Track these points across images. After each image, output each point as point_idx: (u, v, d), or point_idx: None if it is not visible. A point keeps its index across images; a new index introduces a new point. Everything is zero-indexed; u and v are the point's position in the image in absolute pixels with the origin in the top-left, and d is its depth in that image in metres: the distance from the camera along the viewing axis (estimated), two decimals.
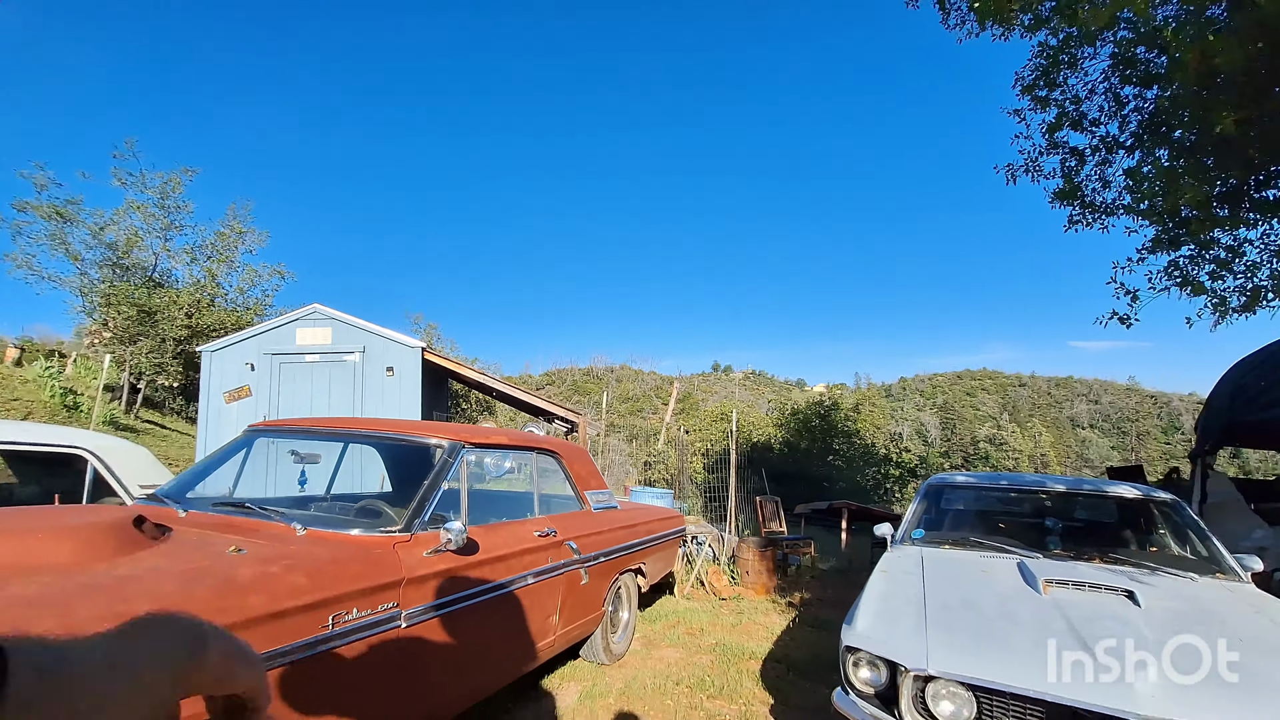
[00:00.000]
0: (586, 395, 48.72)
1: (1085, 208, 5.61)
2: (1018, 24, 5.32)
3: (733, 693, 3.99)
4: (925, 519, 4.43)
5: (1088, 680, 2.23)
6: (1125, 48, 5.08)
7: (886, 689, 2.60)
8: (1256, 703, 2.10)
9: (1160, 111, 4.69)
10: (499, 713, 3.51)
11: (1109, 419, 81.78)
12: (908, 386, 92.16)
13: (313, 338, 9.23)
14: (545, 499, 3.95)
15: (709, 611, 5.97)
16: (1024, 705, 2.30)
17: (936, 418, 74.39)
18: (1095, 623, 2.57)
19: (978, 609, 2.82)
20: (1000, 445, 59.94)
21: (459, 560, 2.78)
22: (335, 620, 2.12)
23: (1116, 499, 4.34)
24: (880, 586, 3.19)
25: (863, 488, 24.38)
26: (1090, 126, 5.45)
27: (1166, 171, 4.48)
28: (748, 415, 28.34)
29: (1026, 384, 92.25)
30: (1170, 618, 2.66)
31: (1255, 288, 5.08)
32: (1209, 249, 5.23)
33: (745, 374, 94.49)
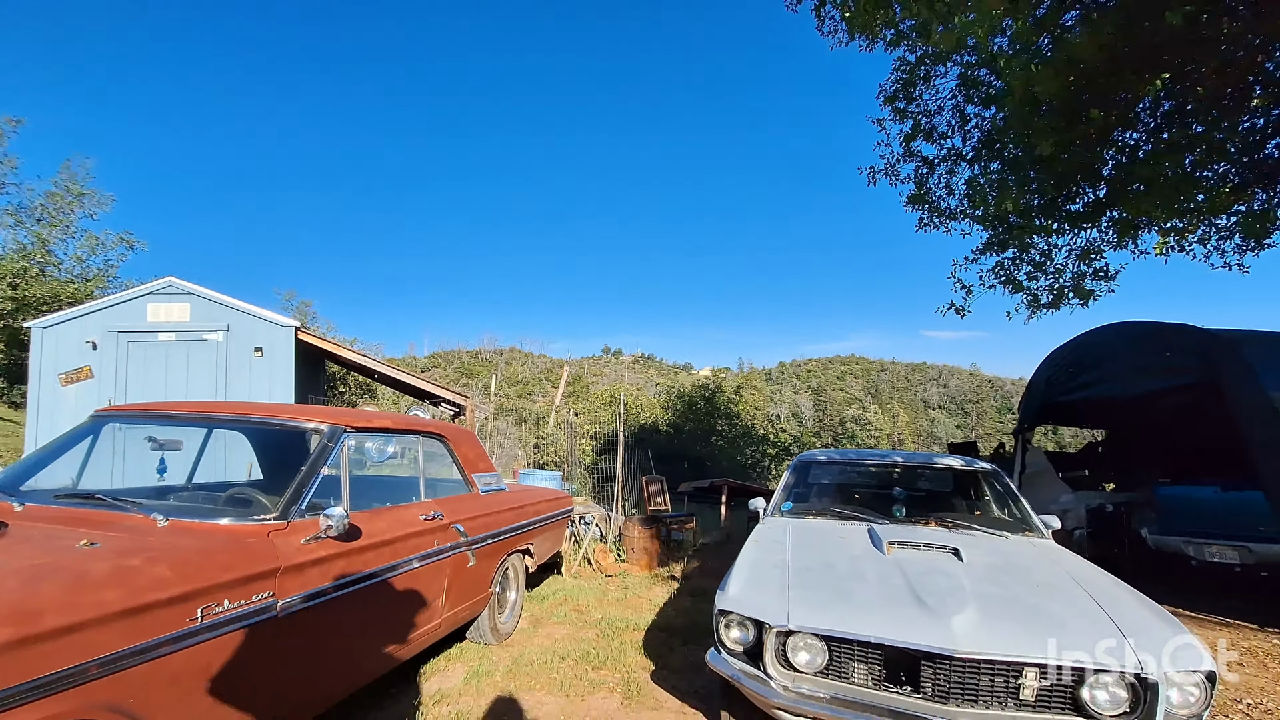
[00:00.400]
0: (474, 378, 47.48)
1: (933, 212, 6.31)
2: (881, 37, 5.83)
3: (617, 662, 4.18)
4: (794, 493, 4.83)
5: (917, 625, 2.60)
6: (970, 69, 5.71)
7: (753, 645, 2.87)
8: (1040, 631, 2.54)
9: (995, 130, 5.37)
10: (382, 698, 3.48)
11: (955, 400, 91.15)
12: (786, 371, 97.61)
13: (168, 314, 8.36)
14: (432, 483, 3.92)
15: (595, 589, 6.15)
16: (866, 650, 2.64)
17: (810, 400, 79.42)
18: (926, 577, 2.98)
19: (832, 570, 3.16)
20: (864, 425, 65.20)
21: (340, 547, 2.73)
22: (205, 612, 2.04)
23: (951, 471, 4.96)
24: (750, 555, 3.48)
25: (742, 466, 25.67)
26: (939, 139, 6.14)
27: (998, 183, 5.16)
28: (636, 398, 28.93)
29: (888, 369, 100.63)
30: (985, 569, 3.13)
31: (1061, 288, 6.02)
32: (1027, 252, 6.13)
33: (635, 357, 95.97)
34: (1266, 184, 5.89)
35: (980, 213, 5.66)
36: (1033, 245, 6.02)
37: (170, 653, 1.89)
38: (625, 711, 3.49)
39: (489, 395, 19.03)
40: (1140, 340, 6.65)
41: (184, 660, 1.94)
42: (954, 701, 2.48)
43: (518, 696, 3.62)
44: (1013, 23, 4.44)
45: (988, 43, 4.49)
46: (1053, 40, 4.47)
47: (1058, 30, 4.23)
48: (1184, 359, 6.02)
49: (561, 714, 3.43)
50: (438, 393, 11.65)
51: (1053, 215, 5.46)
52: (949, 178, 6.26)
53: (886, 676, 2.63)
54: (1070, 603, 2.80)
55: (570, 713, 3.45)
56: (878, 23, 5.21)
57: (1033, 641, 2.49)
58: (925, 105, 6.09)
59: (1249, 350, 5.54)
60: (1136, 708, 2.40)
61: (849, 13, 5.57)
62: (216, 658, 2.06)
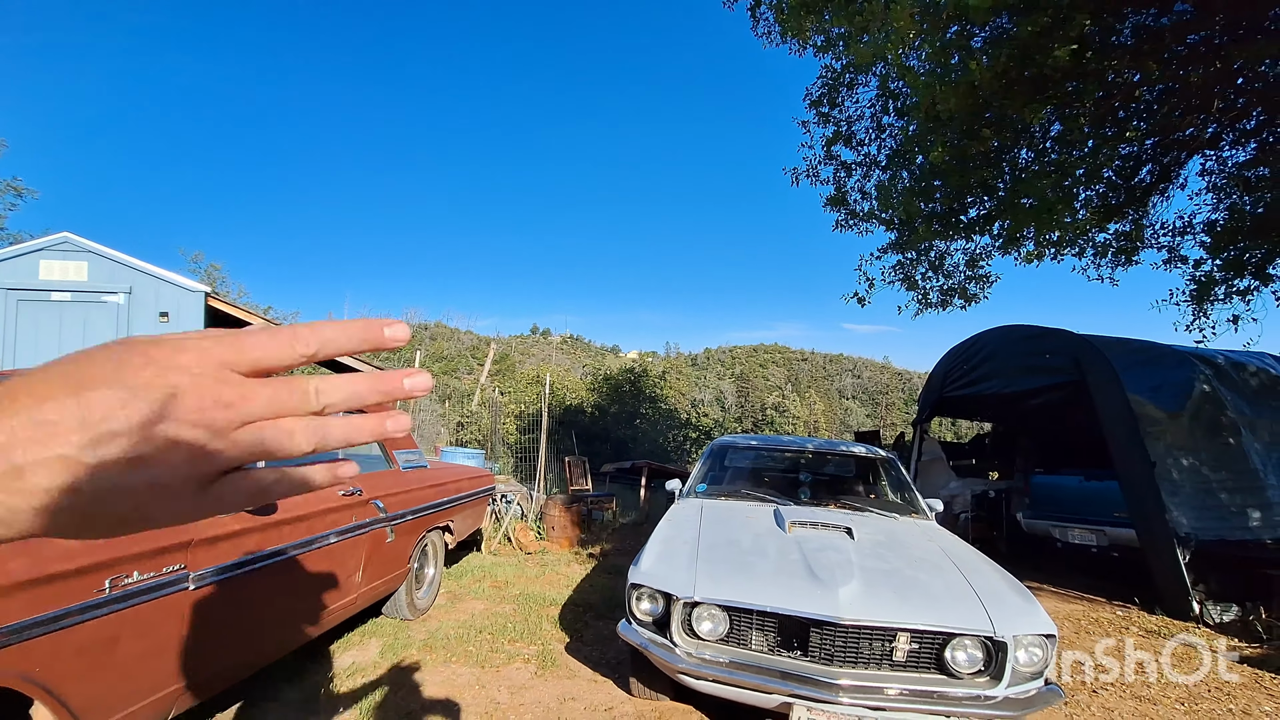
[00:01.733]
0: (397, 353, 45.99)
1: (849, 215, 6.70)
2: (811, 43, 6.09)
3: (533, 635, 4.32)
4: (709, 475, 5.08)
5: (808, 595, 2.86)
6: (888, 80, 6.06)
7: (662, 616, 3.07)
8: (912, 601, 2.86)
9: (906, 140, 5.75)
10: (296, 672, 3.48)
11: (867, 391, 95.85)
12: (712, 357, 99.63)
13: (63, 273, 7.69)
14: (352, 458, 3.87)
15: (515, 565, 6.25)
16: (763, 618, 2.89)
17: (734, 386, 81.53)
18: (821, 553, 3.26)
19: (737, 547, 3.40)
20: (783, 412, 67.56)
21: (255, 520, 2.72)
22: (114, 584, 2.02)
23: (853, 457, 5.35)
24: (663, 532, 3.68)
25: (664, 449, 26.18)
26: (858, 145, 6.50)
27: (904, 190, 5.55)
28: (563, 379, 28.88)
29: (808, 359, 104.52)
30: (872, 546, 3.45)
31: (950, 289, 6.60)
32: (926, 255, 6.66)
33: (563, 338, 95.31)
34: (1137, 206, 6.59)
35: (887, 215, 6.09)
36: (931, 248, 6.55)
37: (78, 623, 1.87)
38: (539, 681, 3.64)
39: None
40: (1024, 342, 7.33)
41: (93, 631, 1.92)
42: (837, 663, 2.77)
43: (433, 669, 3.70)
44: (927, 39, 4.78)
45: (900, 60, 4.79)
46: (960, 61, 4.83)
47: (965, 52, 4.58)
48: (1060, 360, 6.69)
49: (476, 684, 3.54)
50: (358, 366, 11.29)
51: (949, 223, 5.95)
52: (864, 182, 6.67)
53: (781, 642, 2.89)
54: (940, 575, 3.14)
55: (485, 682, 3.56)
56: (808, 27, 5.45)
57: (905, 609, 2.80)
58: (847, 112, 6.44)
59: (1114, 354, 6.21)
60: (990, 665, 2.75)
61: (782, 15, 5.80)
62: (126, 629, 2.05)
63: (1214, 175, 6.60)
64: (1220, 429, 5.92)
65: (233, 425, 0.35)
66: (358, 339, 0.39)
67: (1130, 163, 6.39)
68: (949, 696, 2.66)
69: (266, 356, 0.37)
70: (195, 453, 0.34)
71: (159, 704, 2.25)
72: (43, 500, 0.32)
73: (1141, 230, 6.65)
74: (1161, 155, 6.26)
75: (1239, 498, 5.69)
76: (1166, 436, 5.76)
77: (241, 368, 0.36)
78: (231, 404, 0.35)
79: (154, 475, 0.33)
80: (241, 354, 0.36)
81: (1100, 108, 5.05)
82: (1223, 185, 6.52)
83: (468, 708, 3.28)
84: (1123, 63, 4.88)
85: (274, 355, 0.37)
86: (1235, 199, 6.28)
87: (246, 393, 0.36)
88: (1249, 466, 5.79)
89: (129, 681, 2.10)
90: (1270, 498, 5.69)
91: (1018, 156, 5.63)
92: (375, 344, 0.39)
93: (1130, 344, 6.70)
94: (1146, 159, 6.42)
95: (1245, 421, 5.98)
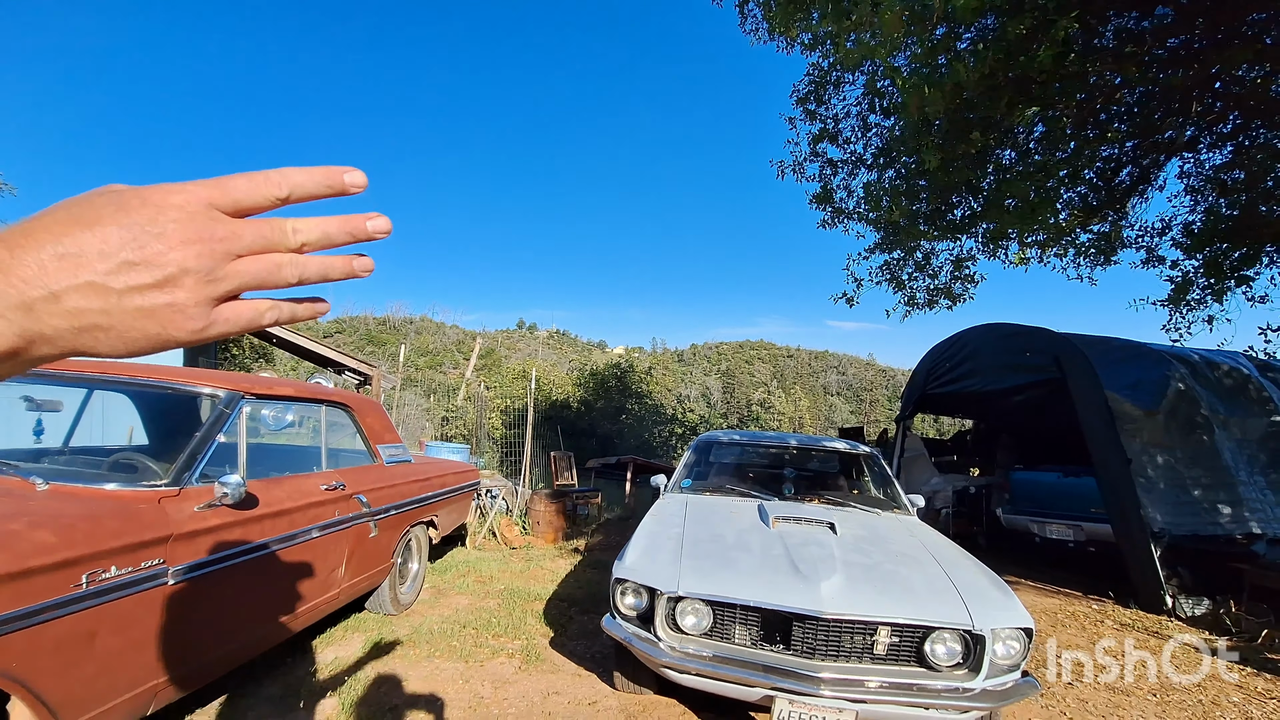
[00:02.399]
0: (382, 346, 45.62)
1: (835, 212, 6.74)
2: (799, 41, 6.11)
3: (517, 630, 4.32)
4: (694, 471, 5.11)
5: (791, 590, 2.89)
6: (875, 78, 6.10)
7: (646, 611, 3.08)
8: (893, 595, 2.90)
9: (892, 140, 5.80)
10: (277, 667, 3.46)
11: (851, 388, 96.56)
12: (698, 353, 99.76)
13: None
14: (334, 453, 3.87)
15: (500, 560, 6.24)
16: (746, 613, 2.91)
17: (720, 382, 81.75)
18: (804, 548, 3.29)
19: (721, 542, 3.42)
20: (769, 409, 67.89)
21: (236, 515, 2.69)
22: (91, 579, 2.00)
23: (837, 453, 5.39)
24: (648, 528, 3.70)
25: (650, 444, 26.25)
26: (844, 143, 6.54)
27: (890, 190, 5.60)
28: (549, 374, 28.82)
29: (793, 356, 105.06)
30: (854, 541, 3.49)
31: (936, 289, 6.68)
32: (912, 255, 6.73)
33: (550, 333, 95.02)
34: (1117, 207, 6.69)
35: (874, 216, 6.14)
36: (917, 248, 6.62)
37: (54, 618, 1.85)
38: (523, 675, 3.64)
39: (397, 365, 18.41)
40: (1006, 340, 7.42)
41: (70, 626, 1.90)
42: (819, 656, 2.79)
43: (416, 664, 3.69)
44: (915, 41, 4.81)
45: (887, 60, 4.82)
46: (947, 63, 4.87)
47: (951, 53, 4.62)
48: (1040, 358, 6.78)
49: (460, 678, 3.54)
50: (342, 361, 11.19)
51: (935, 223, 6.01)
52: (850, 180, 6.71)
53: (764, 636, 2.91)
54: (921, 570, 3.19)
55: (468, 677, 3.56)
56: (795, 26, 5.46)
57: (886, 603, 2.83)
58: (834, 110, 6.48)
59: (1093, 353, 6.31)
60: (968, 658, 2.80)
61: (770, 13, 5.81)
62: (103, 625, 2.02)
63: (1191, 178, 6.73)
64: (1194, 427, 6.04)
65: (229, 256, 0.40)
66: (322, 184, 0.44)
67: (1111, 164, 6.49)
68: (928, 689, 2.70)
69: (246, 198, 0.41)
70: (200, 278, 0.39)
71: (138, 699, 2.22)
72: (81, 321, 0.37)
73: (1121, 231, 6.76)
74: (1141, 157, 6.36)
75: (1211, 494, 5.81)
76: (1142, 434, 5.87)
77: (226, 208, 0.41)
78: (224, 239, 0.40)
79: (171, 298, 0.39)
80: (225, 195, 0.41)
81: (1082, 110, 5.12)
82: (1200, 188, 6.65)
83: (451, 702, 3.27)
84: (1105, 65, 4.95)
85: (253, 196, 0.42)
86: (1212, 201, 6.41)
87: (235, 230, 0.41)
88: (1221, 463, 5.92)
89: (108, 677, 2.08)
90: (1241, 494, 5.81)
91: (1002, 158, 5.69)
92: (337, 188, 0.44)
93: (1109, 342, 6.81)
94: (1127, 161, 6.52)
95: (1218, 419, 6.11)
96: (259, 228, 0.42)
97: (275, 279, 0.42)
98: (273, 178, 0.42)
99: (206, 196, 0.40)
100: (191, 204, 0.39)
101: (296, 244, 0.43)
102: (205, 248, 0.39)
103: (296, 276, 0.43)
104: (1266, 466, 6.11)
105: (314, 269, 0.44)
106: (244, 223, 0.42)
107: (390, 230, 0.46)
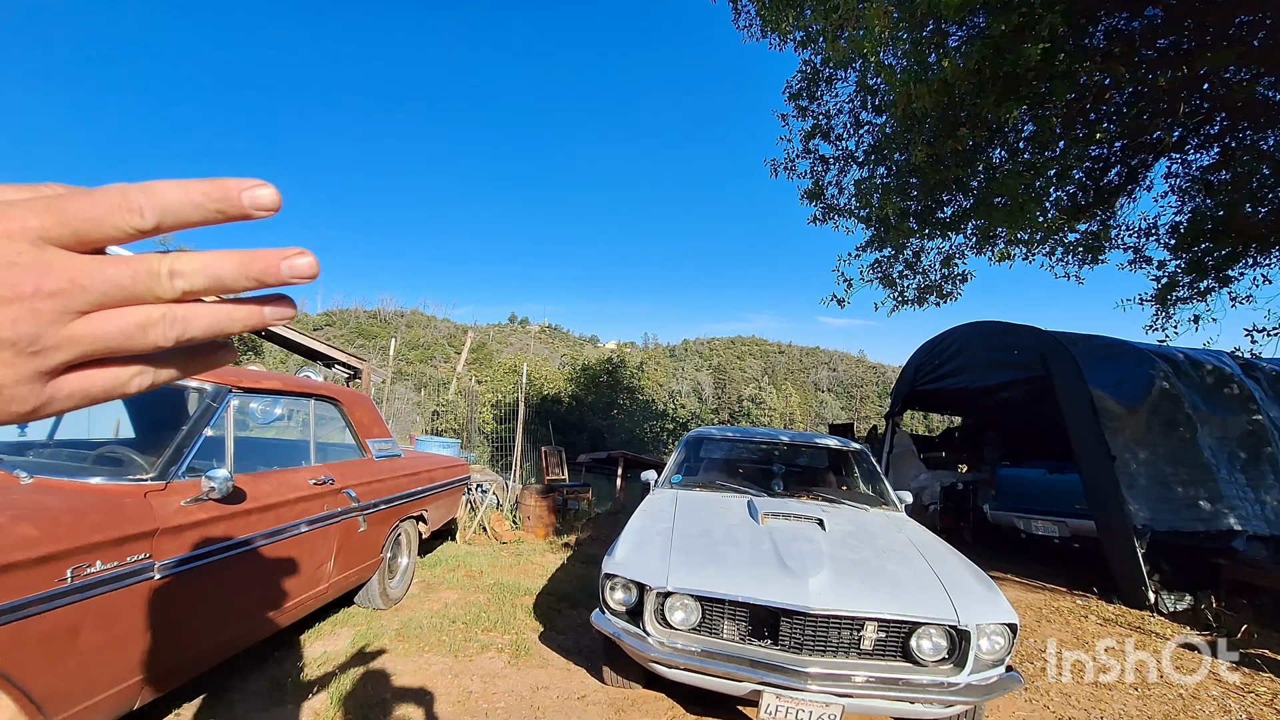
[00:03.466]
0: (372, 340, 45.37)
1: (826, 209, 6.76)
2: (791, 38, 6.10)
3: (506, 625, 4.33)
4: (684, 466, 5.12)
5: (779, 585, 2.91)
6: (867, 75, 6.11)
7: (635, 606, 3.09)
8: (880, 590, 2.93)
9: (883, 137, 5.82)
10: (264, 662, 3.45)
11: (842, 384, 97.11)
12: (690, 348, 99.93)
13: None
14: (323, 447, 3.85)
15: (490, 555, 6.24)
16: (735, 608, 2.93)
17: (711, 378, 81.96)
18: (792, 543, 3.31)
19: (710, 537, 3.44)
20: (760, 404, 68.21)
21: (223, 509, 2.68)
22: (76, 573, 1.98)
23: (826, 449, 5.42)
24: (638, 523, 3.71)
25: (641, 439, 26.27)
26: (835, 140, 6.55)
27: (881, 187, 5.63)
28: (541, 369, 28.76)
29: (785, 352, 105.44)
30: (842, 537, 3.51)
31: (925, 286, 6.74)
32: (902, 252, 6.78)
33: (541, 327, 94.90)
34: (1105, 207, 6.75)
35: (864, 213, 6.17)
36: (907, 246, 6.67)
37: (38, 613, 1.84)
38: (512, 670, 3.65)
39: (387, 359, 18.31)
40: (994, 337, 7.48)
41: (54, 621, 1.89)
42: (807, 651, 2.82)
43: (405, 658, 3.69)
44: (904, 37, 4.83)
45: (877, 57, 4.83)
46: (936, 59, 4.89)
47: (940, 50, 4.64)
48: (1027, 356, 6.85)
49: (449, 673, 3.54)
50: (332, 354, 11.10)
51: (926, 220, 6.04)
52: (841, 177, 6.73)
53: (752, 631, 2.93)
54: (907, 566, 3.21)
55: (457, 671, 3.56)
56: (788, 22, 5.46)
57: (873, 599, 2.86)
58: (826, 107, 6.48)
59: (1078, 351, 6.38)
60: (953, 653, 2.83)
61: (763, 8, 5.79)
62: (88, 619, 2.01)
63: (1178, 178, 6.80)
64: (1177, 424, 6.11)
65: (66, 315, 0.30)
66: (207, 206, 0.31)
67: (1099, 164, 6.55)
68: (914, 683, 2.73)
69: (93, 228, 0.30)
70: (20, 350, 0.29)
71: (124, 694, 2.21)
72: None
73: (1108, 230, 6.82)
74: (1129, 157, 6.41)
75: (1192, 490, 5.89)
76: (1126, 431, 5.94)
77: (64, 241, 0.30)
78: (57, 292, 0.29)
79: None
80: (62, 223, 0.30)
81: (1071, 109, 5.15)
82: (1186, 188, 6.71)
83: (440, 697, 3.28)
84: (1094, 64, 4.98)
85: (102, 227, 0.30)
86: (1198, 202, 6.47)
87: (78, 276, 0.30)
88: (1202, 460, 6.00)
89: (93, 671, 2.06)
90: (1221, 490, 5.90)
91: (991, 156, 5.73)
92: (232, 212, 0.32)
93: (1095, 340, 6.88)
94: (1115, 161, 6.58)
95: (1200, 417, 6.19)
96: (117, 271, 0.30)
97: (139, 342, 0.32)
98: (133, 198, 0.30)
99: (34, 227, 0.29)
100: (9, 239, 0.28)
101: (174, 292, 0.32)
102: (25, 309, 0.28)
103: (173, 336, 0.32)
104: (1246, 464, 6.19)
105: (202, 324, 0.33)
106: (93, 263, 0.30)
107: (316, 274, 0.35)
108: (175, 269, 0.32)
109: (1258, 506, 5.97)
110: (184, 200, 0.31)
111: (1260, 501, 6.00)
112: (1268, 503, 6.00)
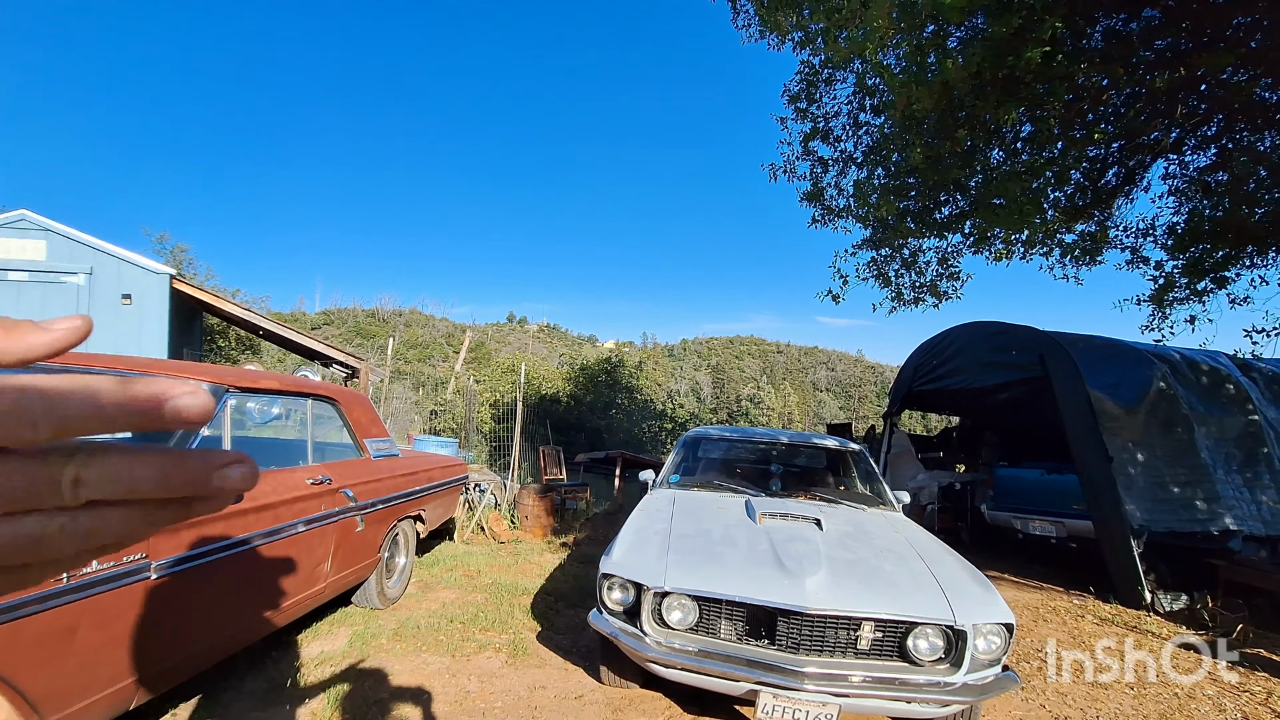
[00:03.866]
0: (370, 339, 45.34)
1: (825, 210, 6.78)
2: (790, 38, 6.11)
3: (504, 624, 4.33)
4: (682, 466, 5.12)
5: (776, 585, 2.91)
6: (865, 76, 6.12)
7: (632, 606, 3.09)
8: (877, 590, 2.93)
9: (882, 138, 5.83)
10: (262, 660, 3.45)
11: (841, 384, 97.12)
12: (688, 348, 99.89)
13: (20, 251, 7.37)
14: (321, 446, 3.85)
15: (488, 554, 6.24)
16: (731, 608, 2.93)
17: (710, 377, 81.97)
18: (789, 543, 3.31)
19: (708, 537, 3.44)
20: (758, 404, 68.29)
21: None
22: (72, 573, 1.98)
23: (824, 450, 5.43)
24: (636, 523, 3.71)
25: (639, 439, 26.28)
26: (834, 142, 6.57)
27: (880, 188, 5.64)
28: (539, 368, 28.77)
29: (783, 351, 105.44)
30: (839, 537, 3.52)
31: (923, 286, 6.77)
32: (900, 252, 6.80)
33: (540, 326, 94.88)
34: (1102, 208, 6.77)
35: (863, 213, 6.19)
36: (904, 245, 6.68)
37: (35, 613, 1.84)
38: (510, 669, 3.65)
39: (385, 358, 18.30)
40: (992, 338, 7.49)
41: (50, 620, 1.89)
42: (803, 651, 2.82)
43: (403, 658, 3.69)
44: (904, 38, 4.83)
45: (877, 58, 4.84)
46: (936, 60, 4.90)
47: (940, 51, 4.64)
48: (1025, 356, 6.85)
49: (446, 672, 3.54)
50: (330, 353, 11.11)
51: (923, 221, 6.06)
52: (840, 179, 6.75)
53: (749, 631, 2.93)
54: (904, 566, 3.22)
55: (455, 671, 3.56)
56: (787, 22, 5.47)
57: (870, 599, 2.86)
58: (825, 108, 6.50)
59: (1076, 351, 6.38)
60: (950, 653, 2.83)
61: (762, 7, 5.80)
62: (85, 619, 2.01)
63: (1176, 179, 6.82)
64: (1174, 425, 6.12)
65: None
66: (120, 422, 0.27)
67: (1097, 165, 6.56)
68: (910, 683, 2.74)
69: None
70: None
71: (120, 694, 2.21)
72: None
73: (1106, 231, 6.84)
74: (1127, 159, 6.42)
75: (1189, 491, 5.90)
76: (1123, 432, 5.94)
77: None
78: None
79: None
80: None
81: (1069, 110, 5.17)
82: (1184, 189, 6.73)
83: (438, 696, 3.28)
84: (1092, 66, 4.99)
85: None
86: (1195, 203, 6.49)
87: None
88: (1199, 461, 6.01)
89: (90, 671, 2.06)
90: (1218, 491, 5.91)
91: (990, 157, 5.74)
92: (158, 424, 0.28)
93: (1093, 341, 6.89)
94: (1112, 162, 6.59)
95: (1197, 417, 6.20)
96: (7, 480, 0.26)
97: (30, 556, 0.27)
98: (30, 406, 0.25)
99: None
100: None
101: (78, 501, 0.27)
102: None
103: (71, 551, 0.28)
104: (1243, 464, 6.21)
105: (111, 533, 0.28)
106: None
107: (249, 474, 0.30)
108: (82, 477, 0.27)
109: (1254, 507, 5.99)
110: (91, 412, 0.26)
111: (1256, 502, 6.01)
112: (1264, 503, 6.02)
